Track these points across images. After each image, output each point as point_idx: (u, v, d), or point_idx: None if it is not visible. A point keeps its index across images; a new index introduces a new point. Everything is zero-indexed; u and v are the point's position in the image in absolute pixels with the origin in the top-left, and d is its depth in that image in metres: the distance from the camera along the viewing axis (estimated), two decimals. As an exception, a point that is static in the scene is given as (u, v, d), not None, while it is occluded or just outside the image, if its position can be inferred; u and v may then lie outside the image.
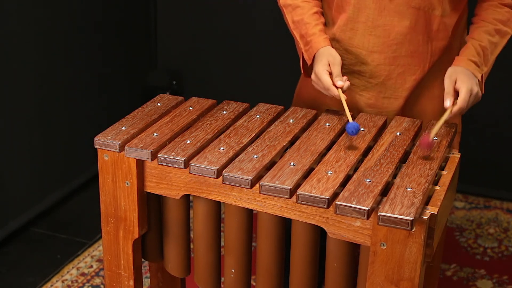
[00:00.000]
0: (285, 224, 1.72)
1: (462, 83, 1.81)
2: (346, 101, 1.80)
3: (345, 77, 1.86)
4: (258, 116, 1.91)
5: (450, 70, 1.86)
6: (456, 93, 1.82)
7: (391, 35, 1.91)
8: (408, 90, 1.97)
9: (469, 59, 1.86)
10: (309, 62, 1.95)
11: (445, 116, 1.78)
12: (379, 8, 1.89)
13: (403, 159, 1.72)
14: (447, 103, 1.81)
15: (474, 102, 1.84)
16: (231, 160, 1.68)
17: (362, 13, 1.92)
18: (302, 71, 2.02)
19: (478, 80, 1.86)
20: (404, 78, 1.95)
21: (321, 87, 1.86)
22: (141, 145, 1.72)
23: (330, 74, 1.85)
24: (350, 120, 1.77)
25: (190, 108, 1.95)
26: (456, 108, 1.80)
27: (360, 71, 1.98)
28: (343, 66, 1.96)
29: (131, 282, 1.85)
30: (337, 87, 1.83)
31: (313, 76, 1.89)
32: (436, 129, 1.75)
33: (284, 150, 1.76)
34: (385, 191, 1.58)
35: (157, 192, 1.78)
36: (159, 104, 1.98)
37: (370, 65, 1.96)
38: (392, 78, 1.96)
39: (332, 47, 1.93)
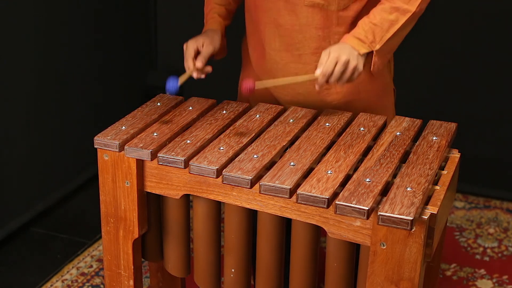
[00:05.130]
0: (285, 224, 1.72)
1: (331, 51, 1.83)
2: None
3: (209, 66, 1.99)
4: (258, 116, 1.91)
5: (330, 46, 1.88)
6: None
7: (292, 34, 1.93)
8: None
9: (352, 36, 1.86)
10: None
11: (305, 77, 1.87)
12: (277, 8, 1.92)
13: (403, 159, 1.72)
14: (317, 71, 1.84)
15: (347, 72, 1.84)
16: (231, 160, 1.68)
17: (264, 14, 1.95)
18: None
19: (359, 53, 1.85)
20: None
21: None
22: (141, 145, 1.72)
23: (199, 52, 1.97)
24: (180, 82, 1.86)
25: (190, 108, 1.95)
26: (318, 71, 1.84)
27: (272, 70, 1.99)
28: (261, 66, 2.02)
29: (131, 282, 1.85)
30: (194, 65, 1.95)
31: (184, 45, 1.98)
32: (294, 80, 1.87)
33: (284, 150, 1.76)
34: (385, 191, 1.58)
35: (157, 192, 1.78)
36: (159, 104, 1.98)
37: (280, 64, 1.98)
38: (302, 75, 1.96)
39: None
